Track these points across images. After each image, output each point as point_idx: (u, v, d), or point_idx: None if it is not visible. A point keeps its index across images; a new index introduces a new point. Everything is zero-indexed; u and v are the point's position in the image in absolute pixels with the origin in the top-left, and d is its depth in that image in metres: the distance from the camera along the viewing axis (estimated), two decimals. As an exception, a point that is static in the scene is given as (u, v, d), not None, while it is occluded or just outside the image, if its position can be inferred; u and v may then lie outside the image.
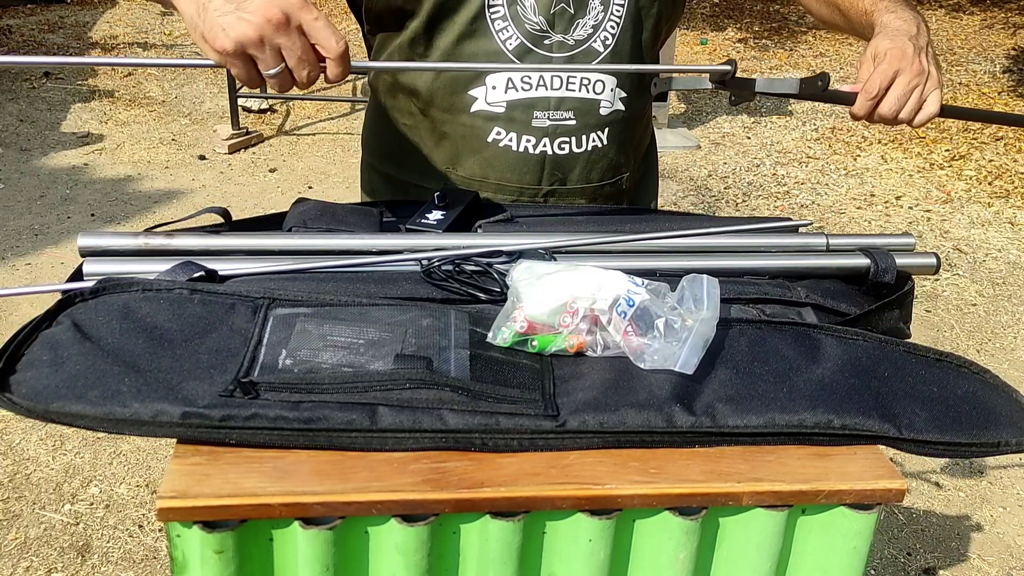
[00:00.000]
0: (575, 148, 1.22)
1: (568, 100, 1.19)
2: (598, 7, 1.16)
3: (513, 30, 1.14)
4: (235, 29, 0.80)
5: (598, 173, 1.26)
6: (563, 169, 1.23)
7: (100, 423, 0.74)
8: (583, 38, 1.16)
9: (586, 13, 1.15)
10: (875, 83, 1.02)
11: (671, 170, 4.61)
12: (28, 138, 4.70)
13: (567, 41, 1.16)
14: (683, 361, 0.80)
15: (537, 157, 1.21)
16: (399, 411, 0.76)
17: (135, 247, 0.94)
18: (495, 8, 1.13)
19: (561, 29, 1.15)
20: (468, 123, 1.20)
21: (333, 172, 4.52)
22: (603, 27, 1.16)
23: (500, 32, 1.15)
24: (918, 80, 1.02)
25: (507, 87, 1.17)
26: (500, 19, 1.14)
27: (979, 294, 3.52)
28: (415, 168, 1.28)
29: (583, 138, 1.22)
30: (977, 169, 4.65)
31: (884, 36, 1.05)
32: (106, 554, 2.13)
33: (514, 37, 1.15)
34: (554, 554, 0.78)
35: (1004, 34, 7.17)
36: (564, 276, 0.85)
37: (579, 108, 1.19)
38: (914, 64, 1.02)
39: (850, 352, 0.87)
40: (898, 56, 1.02)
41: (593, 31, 1.16)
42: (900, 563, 2.22)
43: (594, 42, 1.17)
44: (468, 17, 1.14)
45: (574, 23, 1.15)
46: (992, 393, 0.86)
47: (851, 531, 0.78)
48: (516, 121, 1.19)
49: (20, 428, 2.53)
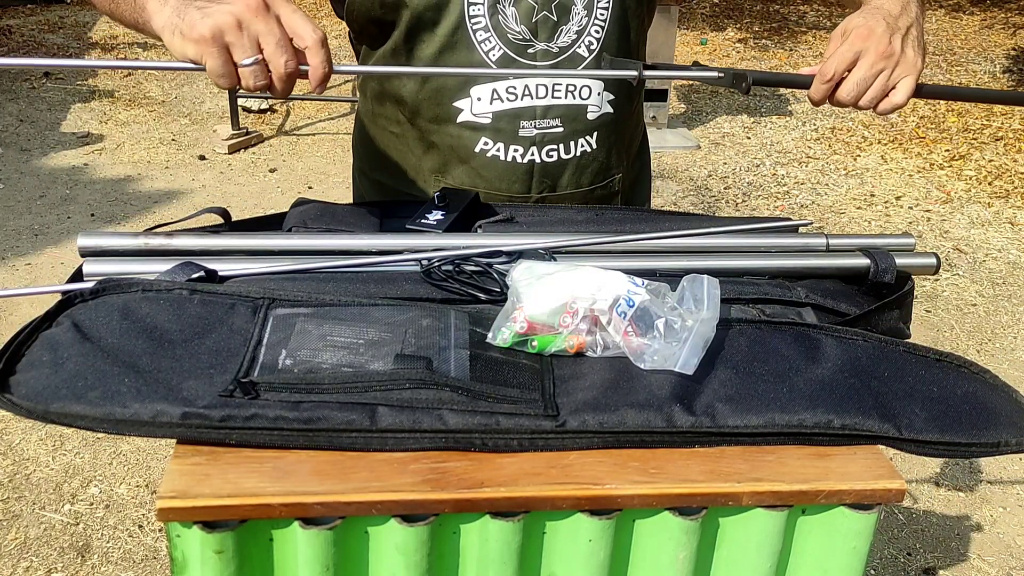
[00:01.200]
0: (563, 155, 1.21)
1: (555, 108, 1.17)
2: (581, 12, 1.13)
3: (496, 40, 1.12)
4: (213, 16, 0.80)
5: (588, 177, 1.25)
6: (552, 176, 1.22)
7: (100, 424, 0.74)
8: (567, 44, 1.14)
9: (569, 19, 1.13)
10: (831, 65, 0.95)
11: (671, 170, 4.61)
12: (28, 138, 4.70)
13: (551, 49, 1.14)
14: (683, 361, 0.80)
15: (525, 166, 1.20)
16: (399, 411, 0.76)
17: (135, 247, 0.94)
18: (476, 19, 1.11)
19: (544, 37, 1.13)
20: (455, 134, 1.19)
21: (333, 172, 4.52)
22: (587, 32, 1.14)
23: (483, 43, 1.12)
24: (885, 64, 0.94)
25: (492, 98, 1.16)
26: (482, 30, 1.12)
27: (979, 294, 3.52)
28: (403, 175, 1.27)
29: (571, 144, 1.21)
30: (977, 169, 4.65)
31: (859, 13, 0.98)
32: (106, 554, 2.13)
33: (497, 48, 1.13)
34: (554, 554, 0.78)
35: (1004, 34, 7.17)
36: (564, 276, 0.85)
37: (566, 115, 1.18)
38: (881, 45, 0.93)
39: (850, 352, 0.87)
40: (863, 35, 0.94)
41: (577, 36, 1.14)
42: (900, 563, 2.22)
43: (578, 47, 1.15)
44: (448, 28, 1.12)
45: (557, 30, 1.13)
46: (992, 393, 0.86)
47: (851, 531, 0.78)
48: (503, 131, 1.17)
49: (20, 428, 2.53)
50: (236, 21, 0.80)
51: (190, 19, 0.81)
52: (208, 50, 0.81)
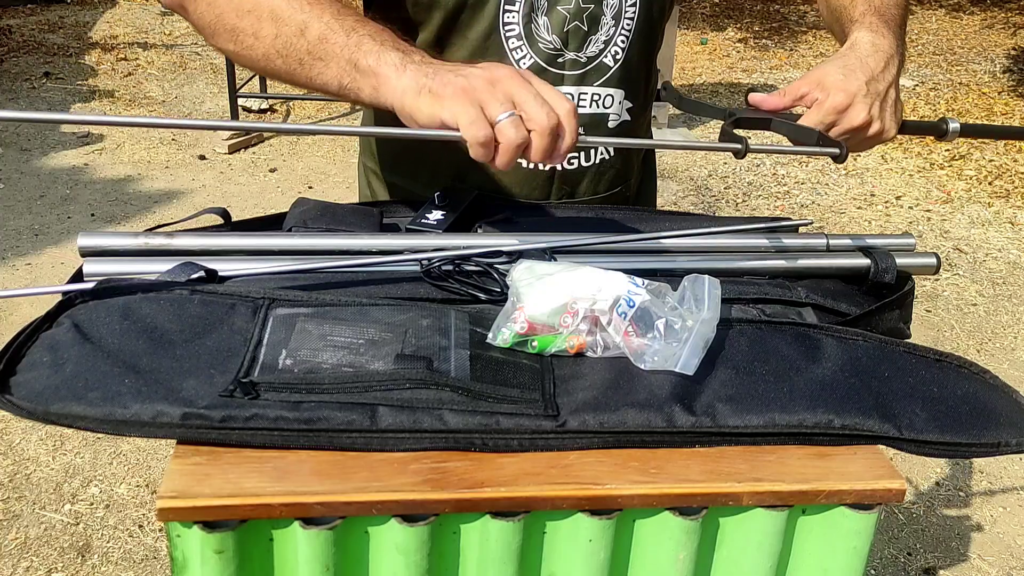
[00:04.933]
0: (583, 162, 1.21)
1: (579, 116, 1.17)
2: (610, 23, 1.13)
3: (527, 49, 1.11)
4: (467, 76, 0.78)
5: (605, 184, 1.25)
6: (571, 183, 1.22)
7: (101, 424, 0.74)
8: (594, 54, 1.14)
9: (598, 29, 1.13)
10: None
11: (671, 170, 4.61)
12: (28, 138, 4.70)
13: (579, 59, 1.13)
14: (683, 362, 0.80)
15: (546, 173, 1.19)
16: (399, 411, 0.76)
17: (135, 247, 0.94)
18: (510, 26, 1.09)
19: (574, 47, 1.12)
20: None
21: (333, 172, 4.52)
22: (614, 42, 1.14)
23: (514, 51, 1.11)
24: (860, 132, 0.92)
25: None
26: (515, 37, 1.10)
27: (979, 294, 3.52)
28: (420, 178, 1.26)
29: (592, 152, 1.21)
30: (977, 169, 4.65)
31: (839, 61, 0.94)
32: (106, 554, 2.13)
33: (528, 56, 1.11)
34: (554, 554, 0.78)
35: (1004, 34, 7.17)
36: (564, 276, 0.85)
37: (589, 123, 1.17)
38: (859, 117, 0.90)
39: (850, 352, 0.87)
40: (841, 104, 0.90)
41: (604, 46, 1.14)
42: (900, 563, 2.22)
43: (605, 57, 1.15)
44: (481, 34, 1.09)
45: (587, 40, 1.13)
46: (992, 393, 0.86)
47: (851, 531, 0.78)
48: None
49: (20, 428, 2.53)
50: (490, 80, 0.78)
51: (442, 79, 0.78)
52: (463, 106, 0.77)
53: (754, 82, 6.08)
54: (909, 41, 7.07)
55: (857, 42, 0.97)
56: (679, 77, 6.07)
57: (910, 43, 7.06)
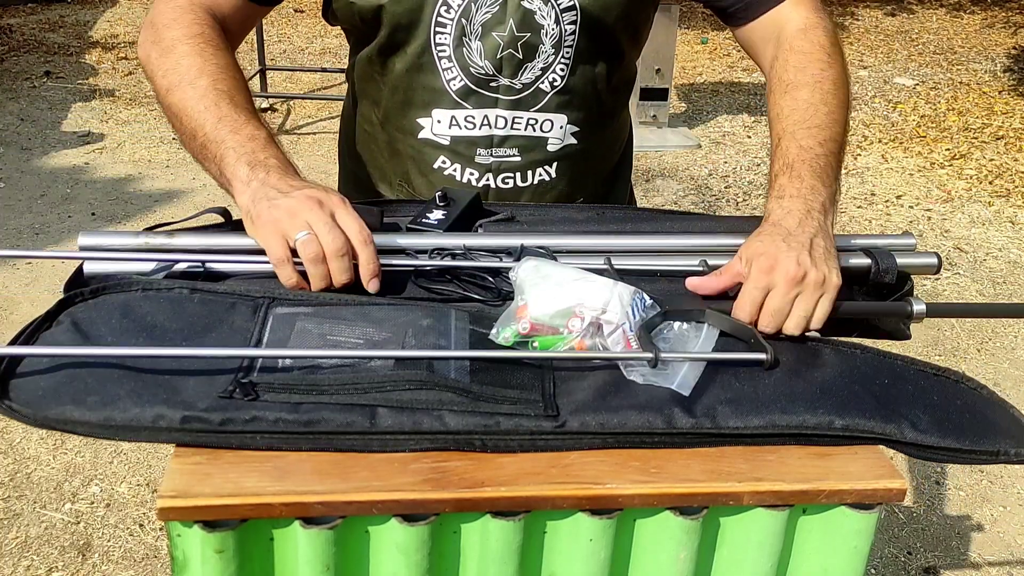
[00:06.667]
0: (519, 182, 1.21)
1: (512, 138, 1.18)
2: (549, 51, 1.13)
3: (458, 71, 1.13)
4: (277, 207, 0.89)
5: (548, 201, 1.24)
6: (508, 200, 1.22)
7: (99, 430, 0.74)
8: (530, 81, 1.15)
9: (535, 57, 1.13)
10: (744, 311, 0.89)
11: (672, 169, 4.61)
12: (29, 137, 4.70)
13: (514, 85, 1.14)
14: (680, 381, 0.80)
15: (480, 189, 1.20)
16: (399, 412, 0.76)
17: (136, 246, 0.94)
18: (441, 47, 1.12)
19: (508, 73, 1.14)
20: (416, 147, 1.20)
21: (333, 171, 4.49)
22: (552, 69, 1.14)
23: (446, 72, 1.14)
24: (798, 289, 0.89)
25: (450, 123, 1.17)
26: (446, 58, 1.13)
27: (980, 293, 3.52)
28: (374, 173, 1.29)
29: (528, 173, 1.21)
30: (978, 168, 4.65)
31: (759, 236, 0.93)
32: (107, 553, 2.13)
33: (458, 78, 1.14)
34: (555, 554, 0.78)
35: (1005, 33, 7.17)
36: (571, 283, 0.85)
37: (524, 146, 1.19)
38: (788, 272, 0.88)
39: (849, 362, 0.87)
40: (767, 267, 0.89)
41: (541, 73, 1.14)
42: (901, 562, 2.22)
43: (541, 84, 1.15)
44: (416, 50, 1.13)
45: (522, 67, 1.13)
46: (990, 406, 0.87)
47: (852, 531, 0.78)
48: (460, 155, 1.19)
49: (20, 427, 2.53)
50: (292, 210, 0.88)
51: (258, 209, 0.90)
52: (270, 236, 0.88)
53: (754, 82, 6.08)
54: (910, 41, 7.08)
55: (769, 213, 0.97)
56: (679, 77, 6.07)
57: (911, 43, 7.06)
